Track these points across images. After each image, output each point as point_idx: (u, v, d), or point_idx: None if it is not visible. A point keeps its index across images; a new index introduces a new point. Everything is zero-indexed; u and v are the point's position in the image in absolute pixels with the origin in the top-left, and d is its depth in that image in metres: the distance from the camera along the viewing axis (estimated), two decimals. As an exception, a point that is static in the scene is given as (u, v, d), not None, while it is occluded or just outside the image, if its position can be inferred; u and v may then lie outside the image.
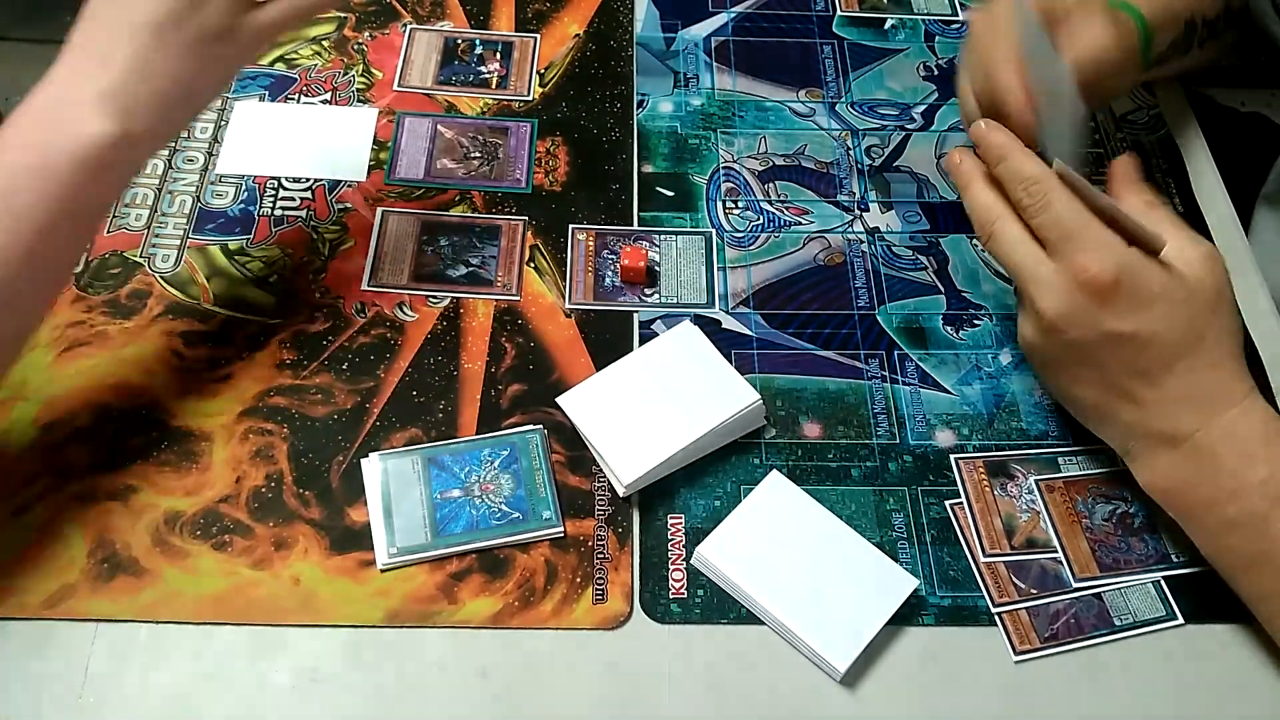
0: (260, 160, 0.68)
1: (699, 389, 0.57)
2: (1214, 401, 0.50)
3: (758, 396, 0.57)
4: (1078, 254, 0.49)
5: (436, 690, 0.50)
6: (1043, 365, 0.55)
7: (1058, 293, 0.50)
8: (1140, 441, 0.52)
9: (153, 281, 0.62)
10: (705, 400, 0.57)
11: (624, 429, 0.56)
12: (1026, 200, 0.51)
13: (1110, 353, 0.50)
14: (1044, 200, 0.50)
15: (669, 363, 0.58)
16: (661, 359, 0.58)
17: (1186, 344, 0.50)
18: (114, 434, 0.56)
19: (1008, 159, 0.52)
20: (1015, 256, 0.52)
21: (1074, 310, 0.50)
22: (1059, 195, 0.50)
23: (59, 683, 0.50)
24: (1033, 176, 0.51)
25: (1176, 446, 0.51)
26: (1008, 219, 0.52)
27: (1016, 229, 0.52)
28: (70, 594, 0.52)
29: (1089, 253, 0.49)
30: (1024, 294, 0.52)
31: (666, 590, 0.53)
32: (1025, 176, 0.51)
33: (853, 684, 0.51)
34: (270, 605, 0.52)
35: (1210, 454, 0.50)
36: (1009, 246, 0.52)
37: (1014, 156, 0.52)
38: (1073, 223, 0.50)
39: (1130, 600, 0.54)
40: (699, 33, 0.77)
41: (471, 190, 0.68)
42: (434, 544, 0.54)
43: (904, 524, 0.56)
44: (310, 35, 0.75)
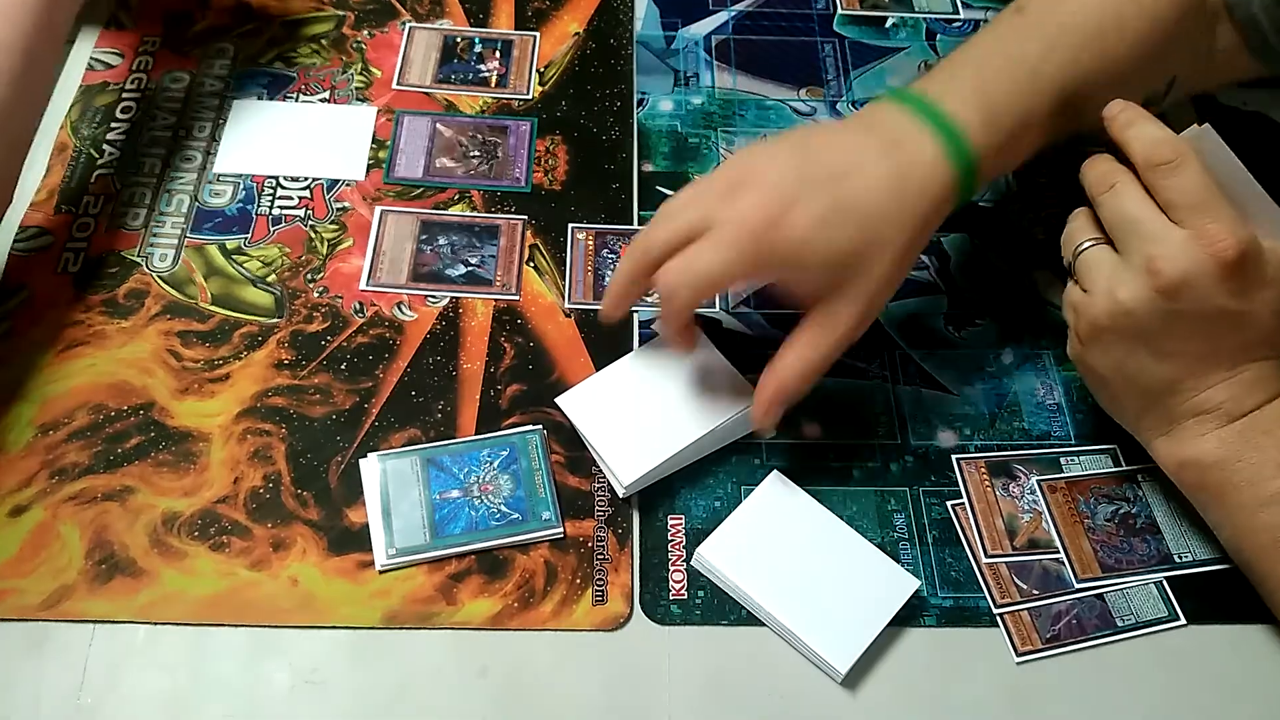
0: (258, 159, 0.68)
1: (700, 388, 0.57)
2: (1277, 382, 0.50)
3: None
4: (1210, 222, 0.47)
5: (435, 691, 0.50)
6: (1126, 333, 0.50)
7: (1188, 256, 0.47)
8: (1192, 420, 0.51)
9: (150, 281, 0.62)
10: (706, 400, 0.56)
11: (624, 429, 0.56)
12: (1157, 158, 0.48)
13: (1210, 329, 0.49)
14: (1178, 163, 0.48)
15: (669, 362, 0.58)
16: (661, 358, 0.58)
17: (1276, 332, 0.49)
18: (111, 434, 0.56)
19: (1137, 124, 0.50)
20: (1138, 211, 0.49)
21: (1199, 277, 0.47)
22: (1193, 162, 0.48)
23: (57, 683, 0.49)
24: (1165, 139, 0.49)
25: (1231, 423, 0.50)
26: (1132, 179, 0.50)
27: (1139, 187, 0.49)
28: (68, 595, 0.51)
29: (1222, 222, 0.47)
30: (1138, 253, 0.49)
31: (666, 591, 0.53)
32: (1156, 138, 0.49)
33: (854, 685, 0.51)
34: (268, 606, 0.52)
35: (1263, 431, 0.50)
36: (1132, 201, 0.49)
37: (1145, 123, 0.50)
38: (1206, 191, 0.48)
39: (1132, 601, 0.54)
40: (699, 31, 0.77)
41: (471, 189, 0.67)
42: (433, 545, 0.53)
43: (905, 524, 0.56)
44: (309, 34, 0.75)
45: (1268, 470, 0.49)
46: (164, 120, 0.69)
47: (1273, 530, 0.49)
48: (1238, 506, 0.51)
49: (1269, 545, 0.50)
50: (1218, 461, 0.51)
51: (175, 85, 0.71)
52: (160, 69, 0.72)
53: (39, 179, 0.66)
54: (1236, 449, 0.50)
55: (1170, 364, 0.50)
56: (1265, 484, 0.49)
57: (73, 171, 0.66)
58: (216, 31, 0.74)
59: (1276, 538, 0.49)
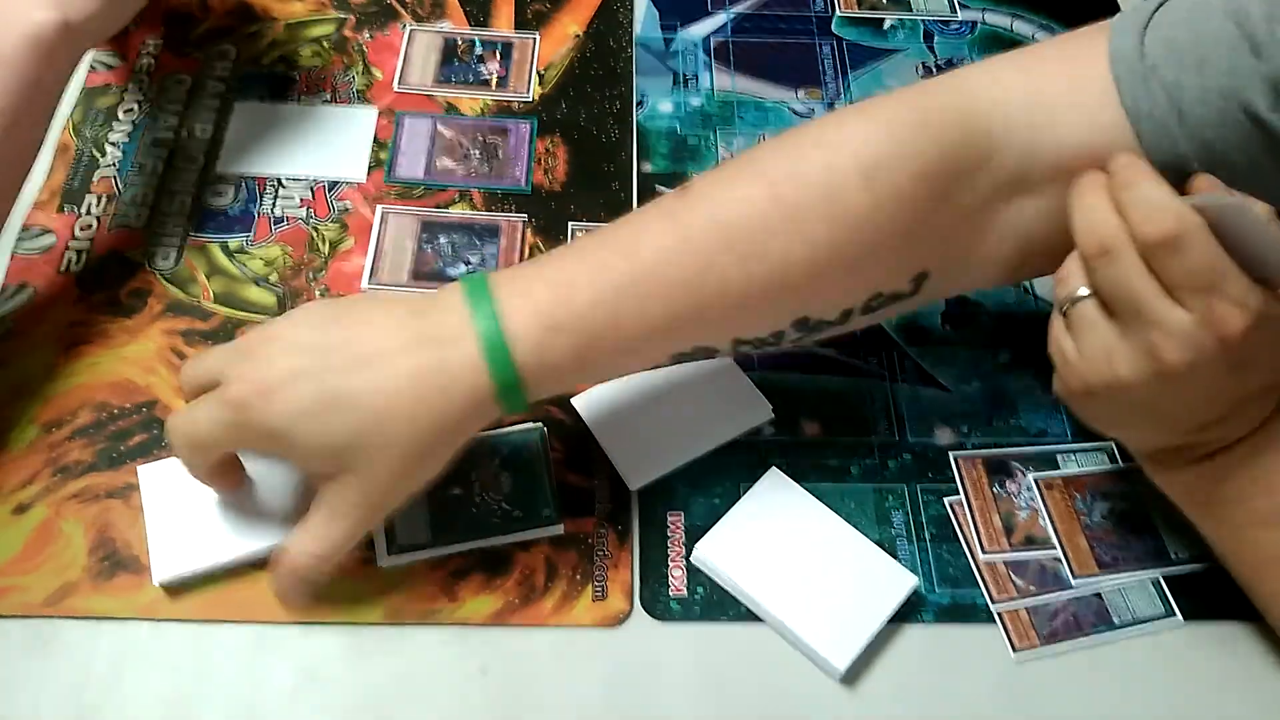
0: (260, 160, 0.68)
1: (714, 397, 0.58)
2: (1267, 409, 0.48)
3: (769, 408, 0.58)
4: (1219, 305, 0.42)
5: (436, 688, 0.50)
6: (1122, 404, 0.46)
7: (1195, 344, 0.43)
8: (1185, 452, 0.50)
9: (153, 280, 0.62)
10: (719, 409, 0.57)
11: (634, 435, 0.56)
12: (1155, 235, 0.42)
13: (1216, 394, 0.46)
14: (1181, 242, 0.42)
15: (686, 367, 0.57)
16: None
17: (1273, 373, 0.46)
18: (114, 432, 0.57)
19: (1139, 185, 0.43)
20: (1139, 290, 0.43)
21: (1205, 362, 0.43)
22: (1198, 238, 0.42)
23: (60, 681, 0.50)
24: (1167, 207, 0.42)
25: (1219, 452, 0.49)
26: (1131, 246, 0.43)
27: (1138, 258, 0.43)
28: (71, 592, 0.52)
29: (1231, 304, 0.42)
30: (1139, 333, 0.44)
31: (666, 588, 0.54)
32: (1157, 206, 0.43)
33: (852, 682, 0.51)
34: (270, 603, 0.52)
35: (1252, 453, 0.48)
36: (1131, 275, 0.43)
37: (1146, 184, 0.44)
38: (1213, 270, 0.42)
39: (1129, 598, 0.54)
40: (698, 33, 0.78)
41: (471, 189, 0.68)
42: (434, 542, 0.54)
43: (903, 522, 0.56)
44: (310, 35, 0.75)
45: (1257, 489, 0.49)
46: (166, 121, 0.70)
47: (1261, 547, 0.49)
48: (1226, 524, 0.50)
49: (1258, 562, 0.50)
50: (1205, 482, 0.50)
51: (177, 87, 0.71)
52: (162, 70, 0.72)
53: (42, 179, 0.66)
54: (1223, 470, 0.49)
55: (1165, 422, 0.48)
56: (1253, 503, 0.49)
57: (75, 172, 0.67)
58: (218, 33, 0.75)
59: (1266, 555, 0.49)
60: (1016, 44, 0.78)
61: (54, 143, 0.68)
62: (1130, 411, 0.47)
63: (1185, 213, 0.42)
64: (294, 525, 0.50)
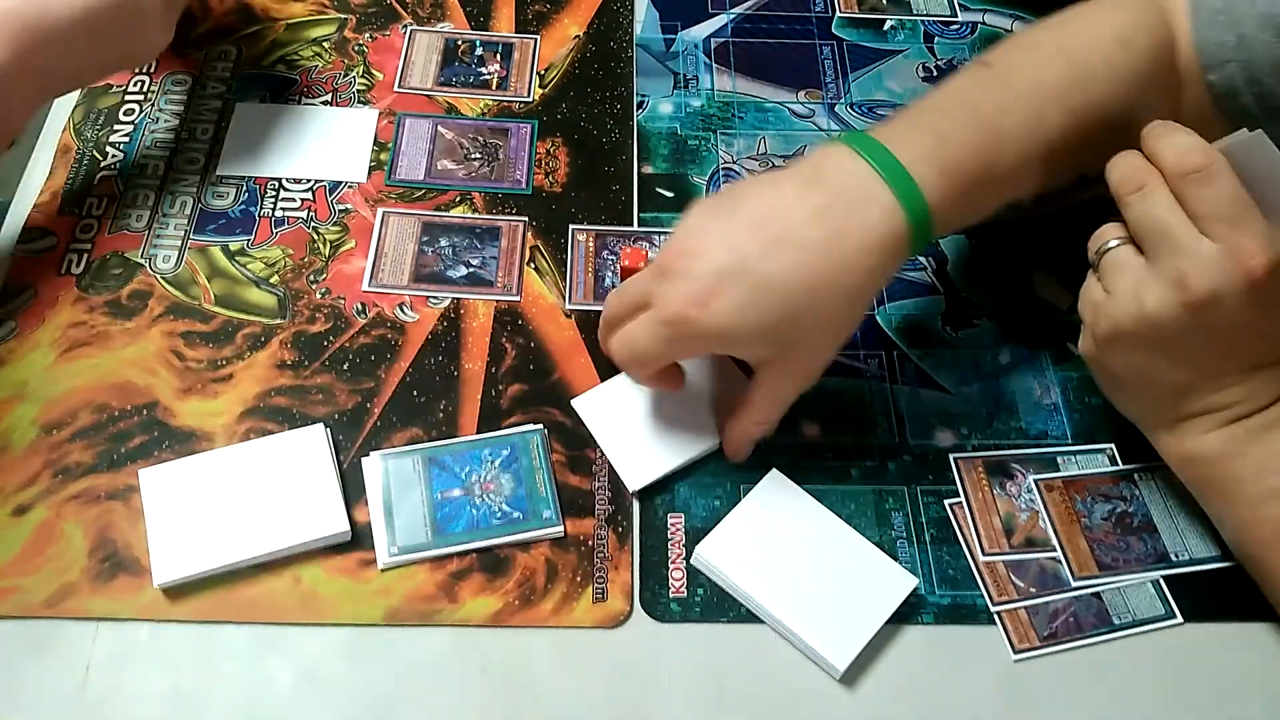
0: (261, 161, 0.68)
1: (714, 399, 0.58)
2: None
3: None
4: (1244, 238, 0.46)
5: (437, 689, 0.50)
6: (1149, 341, 0.49)
7: (1220, 272, 0.46)
8: (1201, 418, 0.51)
9: (154, 282, 0.63)
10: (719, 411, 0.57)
11: (634, 436, 0.57)
12: (1189, 166, 0.47)
13: (1237, 339, 0.48)
14: (1208, 172, 0.46)
15: (686, 369, 0.58)
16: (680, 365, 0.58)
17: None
18: (115, 434, 0.57)
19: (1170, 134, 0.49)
20: (1169, 220, 0.47)
21: (1230, 294, 0.46)
22: (1225, 171, 0.47)
23: (60, 682, 0.50)
24: (1197, 146, 0.47)
25: (1238, 421, 0.50)
26: (1162, 183, 0.48)
27: (1169, 193, 0.48)
28: (71, 593, 0.52)
29: (1256, 239, 0.46)
30: (1168, 264, 0.47)
31: (666, 589, 0.54)
32: (1187, 146, 0.48)
33: (852, 682, 0.51)
34: (271, 604, 0.52)
35: (1266, 427, 0.50)
36: (1162, 206, 0.48)
37: (1175, 131, 0.49)
38: (1238, 204, 0.46)
39: (1129, 599, 0.54)
40: (699, 34, 0.78)
41: (472, 191, 0.68)
42: (434, 543, 0.54)
43: (903, 523, 0.56)
44: (311, 36, 0.75)
45: (1272, 464, 0.49)
46: (167, 122, 0.70)
47: (1275, 524, 0.50)
48: (1241, 500, 0.51)
49: (1271, 539, 0.50)
50: (1222, 456, 0.51)
51: (178, 88, 0.71)
52: (163, 71, 0.72)
53: (42, 181, 0.66)
54: (1241, 445, 0.50)
55: (1188, 369, 0.50)
56: (1269, 478, 0.50)
57: (76, 173, 0.67)
58: (219, 34, 0.75)
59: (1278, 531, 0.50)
60: (1017, 45, 0.78)
61: (55, 144, 0.68)
62: (1154, 355, 0.50)
63: (1212, 150, 0.47)
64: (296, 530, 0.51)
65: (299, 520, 0.53)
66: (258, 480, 0.54)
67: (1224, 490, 0.52)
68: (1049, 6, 0.80)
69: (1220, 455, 0.51)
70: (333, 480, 0.54)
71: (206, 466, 0.55)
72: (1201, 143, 0.48)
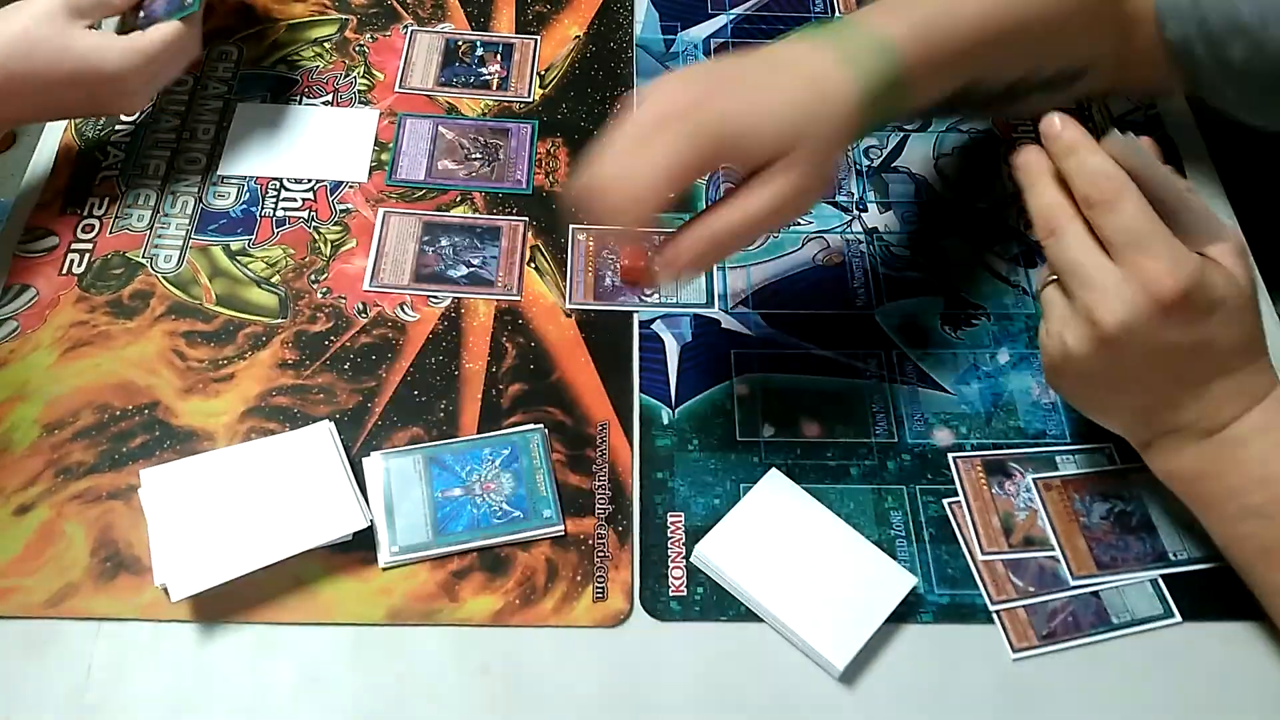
0: (262, 161, 0.68)
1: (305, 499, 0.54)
2: (1250, 396, 0.50)
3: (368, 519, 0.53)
4: (1149, 262, 0.46)
5: (437, 688, 0.51)
6: (1081, 374, 0.51)
7: (1125, 303, 0.47)
8: (1170, 437, 0.52)
9: (155, 282, 0.63)
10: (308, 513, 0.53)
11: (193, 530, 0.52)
12: (1096, 196, 0.48)
13: (1164, 363, 0.49)
14: (1115, 198, 0.47)
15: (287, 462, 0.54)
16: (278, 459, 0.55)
17: (1238, 349, 0.49)
18: (116, 433, 0.57)
19: (1078, 153, 0.49)
20: (1079, 258, 0.48)
21: (1139, 323, 0.47)
22: (1131, 196, 0.47)
23: (61, 681, 0.50)
24: (1104, 172, 0.48)
25: (1209, 437, 0.50)
26: (1075, 220, 0.49)
27: (1082, 230, 0.49)
28: (73, 593, 0.52)
29: (1161, 261, 0.46)
30: (1080, 301, 0.48)
31: (666, 588, 0.54)
32: (1095, 171, 0.48)
33: (851, 681, 0.51)
34: (271, 604, 0.52)
35: (1241, 443, 0.50)
36: (1073, 247, 0.49)
37: (1084, 151, 0.49)
38: (1144, 227, 0.47)
39: (1128, 598, 0.54)
40: (699, 34, 0.78)
41: (472, 191, 0.68)
42: (435, 542, 0.54)
43: (902, 522, 0.56)
44: (312, 37, 0.75)
45: (1249, 483, 0.50)
46: (168, 122, 0.70)
47: (1256, 540, 0.50)
48: (1222, 518, 0.51)
49: (1255, 554, 0.51)
50: (1198, 476, 0.51)
51: (179, 88, 0.71)
52: (164, 72, 0.72)
53: (44, 181, 0.67)
54: (1215, 464, 0.50)
55: (1133, 395, 0.51)
56: (1247, 496, 0.50)
57: (77, 173, 0.67)
58: (220, 34, 0.75)
59: (1261, 547, 0.50)
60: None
61: (56, 144, 0.68)
62: (1092, 387, 0.52)
63: (1117, 175, 0.47)
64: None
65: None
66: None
67: (1204, 508, 0.52)
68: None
69: (1195, 475, 0.51)
70: (343, 476, 0.54)
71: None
72: (1109, 167, 0.48)
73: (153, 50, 0.62)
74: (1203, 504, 0.52)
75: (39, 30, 0.59)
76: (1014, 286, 0.66)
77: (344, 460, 0.55)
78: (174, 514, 0.53)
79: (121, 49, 0.61)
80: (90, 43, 0.60)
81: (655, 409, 0.59)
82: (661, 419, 0.59)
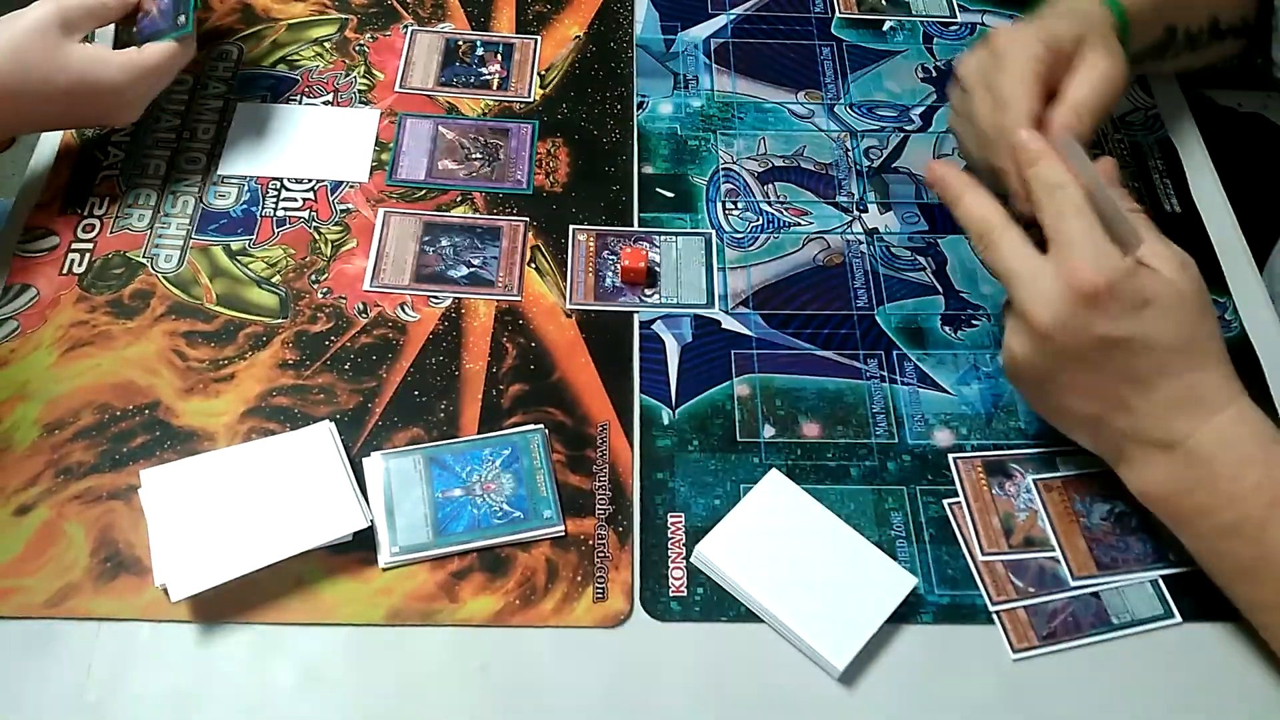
0: (262, 161, 0.68)
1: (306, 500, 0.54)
2: (1205, 405, 0.50)
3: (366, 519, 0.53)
4: (1074, 259, 0.49)
5: (438, 689, 0.51)
6: (1032, 380, 0.53)
7: (1051, 298, 0.50)
8: (1133, 449, 0.52)
9: (155, 282, 0.63)
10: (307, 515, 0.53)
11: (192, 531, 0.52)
12: (1047, 204, 0.51)
13: (1103, 359, 0.50)
14: (1062, 207, 0.50)
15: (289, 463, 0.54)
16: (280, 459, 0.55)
17: (1177, 348, 0.50)
18: (116, 434, 0.57)
19: (1039, 165, 0.53)
20: (1012, 264, 0.51)
21: (1067, 315, 0.49)
22: (1078, 203, 0.50)
23: (61, 682, 0.50)
24: (1059, 182, 0.51)
25: (1170, 452, 0.51)
26: (1005, 227, 0.52)
27: (1014, 236, 0.52)
28: (73, 593, 0.52)
29: (1084, 257, 0.49)
30: (1016, 303, 0.51)
31: (666, 589, 0.54)
32: (1051, 182, 0.52)
33: (851, 682, 0.51)
34: (272, 604, 0.52)
35: (1204, 459, 0.50)
36: (1006, 254, 0.52)
37: (1045, 162, 0.52)
38: (1079, 230, 0.50)
39: (1128, 599, 0.54)
40: (699, 34, 0.78)
41: (473, 191, 0.68)
42: (435, 543, 0.54)
43: (903, 523, 0.56)
44: (312, 36, 0.75)
45: (1219, 501, 0.50)
46: (168, 122, 0.70)
47: (1233, 558, 0.50)
48: (1196, 536, 0.52)
49: (1234, 572, 0.51)
50: (1169, 495, 0.51)
51: (179, 87, 0.71)
52: (164, 72, 0.72)
53: (44, 180, 0.67)
54: (1183, 481, 0.51)
55: (1085, 398, 0.52)
56: (1218, 515, 0.50)
57: (78, 173, 0.67)
58: (220, 34, 0.75)
59: (1238, 565, 0.50)
60: (1016, 46, 0.78)
61: (56, 143, 0.68)
62: (1046, 391, 0.53)
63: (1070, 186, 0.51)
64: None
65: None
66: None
67: (1178, 526, 0.52)
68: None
69: (1165, 494, 0.52)
70: (344, 476, 0.54)
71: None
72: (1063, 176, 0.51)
73: (150, 65, 0.63)
74: (1177, 523, 0.52)
75: (31, 44, 0.60)
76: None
77: (344, 460, 0.55)
78: (174, 514, 0.53)
79: (120, 64, 0.62)
80: (86, 56, 0.61)
81: (655, 409, 0.59)
82: (662, 419, 0.59)
